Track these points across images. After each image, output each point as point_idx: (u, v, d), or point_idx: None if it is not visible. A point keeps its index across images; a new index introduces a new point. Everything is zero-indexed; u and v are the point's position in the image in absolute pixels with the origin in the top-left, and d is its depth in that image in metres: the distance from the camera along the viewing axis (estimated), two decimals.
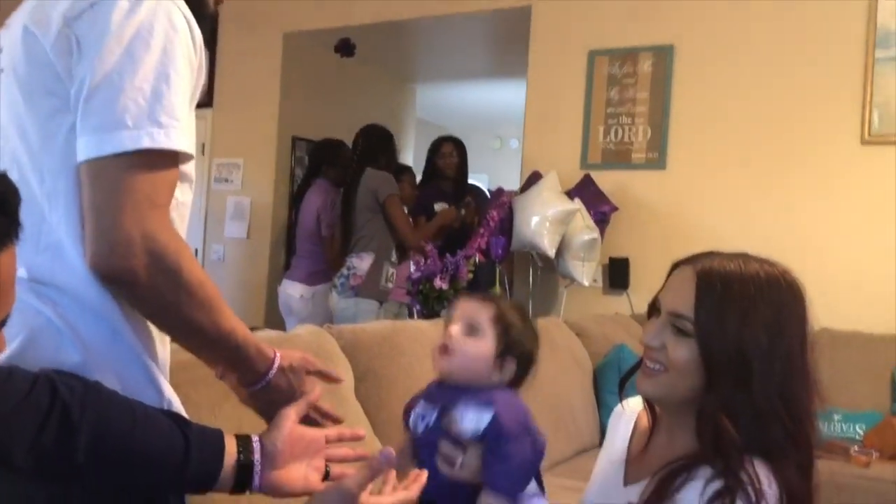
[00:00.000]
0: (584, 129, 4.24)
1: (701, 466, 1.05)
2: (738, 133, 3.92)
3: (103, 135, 0.92)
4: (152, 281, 0.93)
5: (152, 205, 0.93)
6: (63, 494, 0.92)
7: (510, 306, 1.26)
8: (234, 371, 1.10)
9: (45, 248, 0.96)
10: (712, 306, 1.07)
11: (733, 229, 3.79)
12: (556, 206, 3.73)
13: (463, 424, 1.16)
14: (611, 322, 3.53)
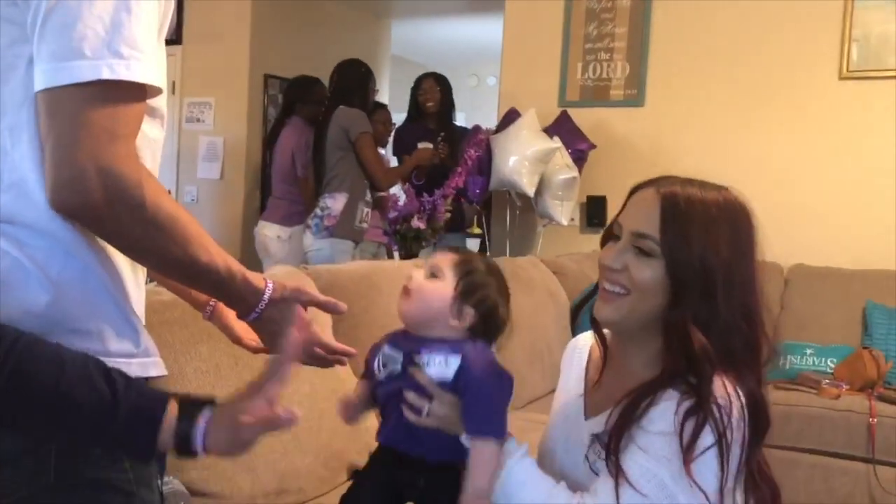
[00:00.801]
0: (561, 65, 4.18)
1: (665, 389, 1.08)
2: (716, 69, 3.88)
3: (60, 63, 0.87)
4: (114, 216, 0.89)
5: (112, 137, 0.88)
6: (39, 449, 0.90)
7: (479, 259, 1.26)
8: (226, 304, 1.08)
9: (8, 187, 0.92)
10: (677, 225, 1.10)
11: (711, 165, 3.73)
12: (535, 144, 3.69)
13: (430, 370, 1.15)
14: (588, 260, 3.54)
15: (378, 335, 2.11)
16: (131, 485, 0.95)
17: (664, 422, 1.05)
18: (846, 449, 2.73)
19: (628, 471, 1.04)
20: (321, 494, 1.70)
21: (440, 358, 1.16)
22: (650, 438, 1.06)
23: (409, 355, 1.18)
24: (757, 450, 1.10)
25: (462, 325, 1.18)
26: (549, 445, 1.25)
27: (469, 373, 1.14)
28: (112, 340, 0.94)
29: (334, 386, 1.85)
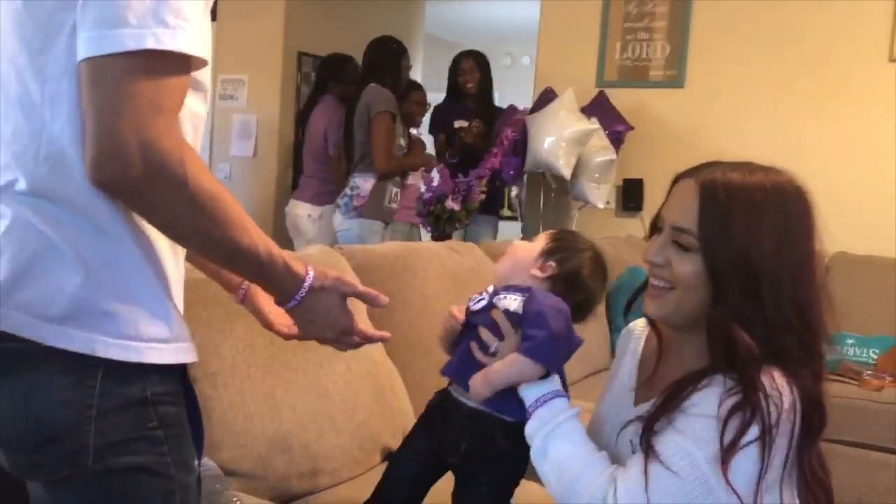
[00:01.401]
0: (600, 45, 4.10)
1: (708, 376, 1.05)
2: (760, 49, 3.77)
3: (104, 31, 0.84)
4: (154, 191, 0.86)
5: (156, 110, 0.85)
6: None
7: (579, 236, 1.35)
8: (264, 289, 1.06)
9: (45, 158, 0.90)
10: (716, 217, 1.06)
11: (753, 150, 3.62)
12: (573, 125, 3.62)
13: (503, 303, 1.21)
14: (624, 244, 3.48)
15: (412, 316, 2.10)
16: (170, 468, 0.94)
17: (707, 404, 1.03)
18: (888, 442, 2.67)
19: (661, 448, 1.03)
20: (355, 476, 1.69)
21: (516, 295, 1.21)
22: (689, 420, 1.04)
23: (494, 296, 1.24)
24: (810, 449, 1.07)
25: (542, 274, 1.24)
26: (597, 424, 1.25)
27: (534, 302, 1.18)
28: (144, 324, 0.91)
29: (368, 367, 1.83)
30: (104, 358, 0.88)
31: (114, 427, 0.89)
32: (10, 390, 0.88)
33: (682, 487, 1.01)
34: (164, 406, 0.94)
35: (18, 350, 0.87)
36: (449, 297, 2.14)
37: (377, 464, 1.77)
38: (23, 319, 0.88)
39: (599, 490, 1.05)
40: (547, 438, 1.11)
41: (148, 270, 0.93)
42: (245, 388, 1.51)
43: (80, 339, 0.88)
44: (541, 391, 1.14)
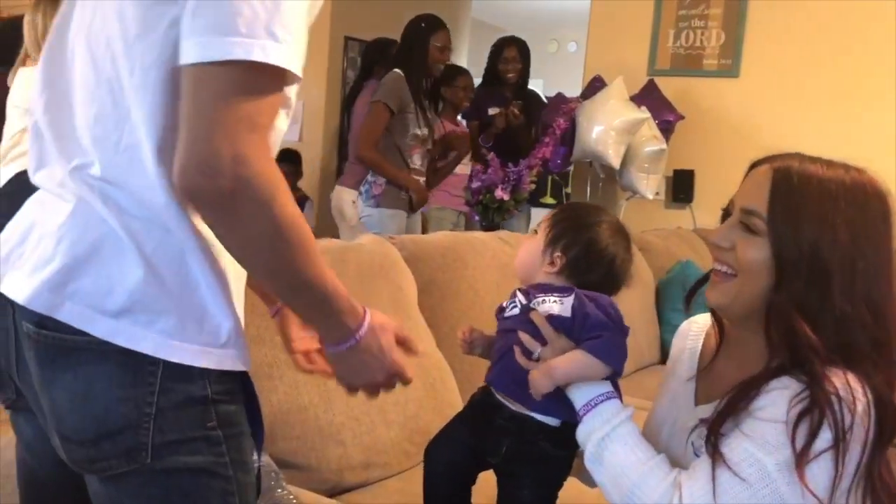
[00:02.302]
0: (652, 32, 4.01)
1: (775, 377, 1.01)
2: (818, 39, 3.66)
3: (212, 38, 0.81)
4: (237, 208, 0.84)
5: (252, 126, 0.83)
6: (139, 427, 0.88)
7: (575, 207, 1.29)
8: (319, 327, 1.00)
9: (125, 148, 0.89)
10: (786, 202, 1.03)
11: (807, 142, 3.57)
12: (623, 114, 3.56)
13: (544, 307, 1.16)
14: (674, 236, 3.41)
15: (463, 308, 2.08)
16: (228, 469, 0.93)
17: (776, 409, 0.99)
18: None
19: (728, 453, 0.99)
20: (406, 469, 1.67)
21: (555, 297, 1.16)
22: (757, 424, 1.00)
23: (528, 301, 1.20)
24: (881, 454, 1.02)
25: (554, 269, 1.20)
26: (654, 426, 1.21)
27: (587, 306, 1.14)
28: (201, 327, 0.90)
29: (419, 360, 1.80)
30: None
31: (173, 425, 0.88)
32: (70, 384, 0.88)
33: (752, 495, 0.97)
34: (223, 405, 0.92)
35: (78, 343, 0.87)
36: (499, 288, 2.11)
37: None
38: (78, 310, 0.87)
39: (663, 496, 1.02)
40: (601, 443, 1.07)
41: (211, 273, 0.92)
42: (299, 378, 1.50)
43: (135, 337, 0.87)
44: (592, 393, 1.10)
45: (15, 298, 0.89)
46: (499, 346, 1.21)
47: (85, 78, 0.92)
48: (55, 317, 0.87)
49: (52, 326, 0.87)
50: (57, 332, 0.87)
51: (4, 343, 0.96)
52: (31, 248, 0.92)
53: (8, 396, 1.02)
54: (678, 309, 2.90)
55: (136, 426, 0.87)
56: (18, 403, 1.01)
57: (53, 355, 0.88)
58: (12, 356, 0.96)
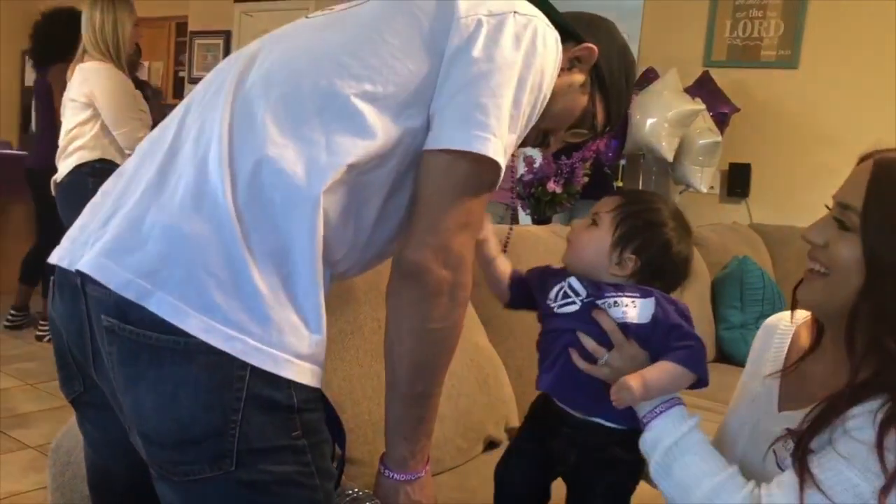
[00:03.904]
0: (708, 22, 3.92)
1: (871, 395, 0.94)
2: (880, 30, 3.54)
3: (473, 131, 0.91)
4: (441, 301, 0.94)
5: (474, 226, 0.95)
6: (225, 433, 0.87)
7: (646, 199, 1.18)
8: (397, 443, 1.06)
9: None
10: (884, 197, 0.96)
11: (867, 136, 3.44)
12: (676, 106, 3.48)
13: (616, 311, 1.07)
14: (730, 232, 3.33)
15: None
16: (314, 478, 0.92)
17: (873, 430, 0.92)
18: None
19: (821, 475, 0.93)
20: (458, 465, 1.66)
21: (629, 298, 1.08)
22: (854, 445, 0.93)
23: (591, 298, 1.10)
24: None
25: (624, 272, 1.11)
26: (733, 427, 1.14)
27: (670, 314, 1.06)
28: (284, 336, 0.90)
29: (472, 355, 1.79)
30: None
31: (258, 433, 0.87)
32: (155, 385, 0.85)
33: None
34: (307, 413, 0.91)
35: (164, 342, 0.84)
36: None
37: (479, 453, 1.74)
38: (170, 301, 0.84)
39: None
40: (669, 454, 1.02)
41: (313, 280, 0.90)
42: (353, 371, 1.49)
43: (227, 338, 0.84)
44: (658, 399, 1.05)
45: (102, 280, 0.86)
46: (549, 348, 1.14)
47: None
48: (146, 306, 0.84)
49: (137, 321, 0.84)
50: (142, 328, 0.84)
51: (77, 332, 0.94)
52: (116, 229, 0.89)
53: (76, 389, 1.00)
54: (735, 306, 2.83)
55: (221, 433, 0.86)
56: (84, 398, 1.00)
57: (137, 353, 0.85)
58: (88, 348, 0.93)
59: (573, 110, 1.14)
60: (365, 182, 0.93)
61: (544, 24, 0.98)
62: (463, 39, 0.93)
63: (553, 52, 0.99)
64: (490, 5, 0.96)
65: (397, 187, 0.97)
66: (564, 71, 1.10)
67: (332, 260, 0.95)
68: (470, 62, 0.92)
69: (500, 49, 0.93)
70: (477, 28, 0.93)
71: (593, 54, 1.11)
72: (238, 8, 5.57)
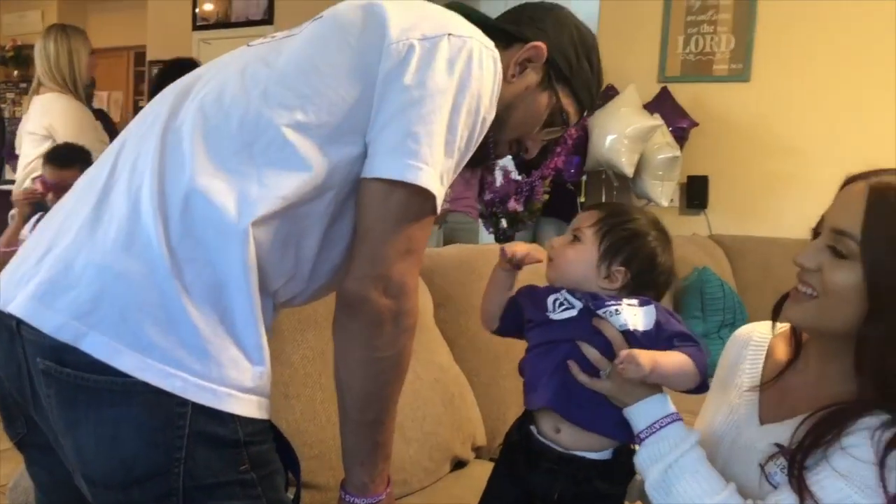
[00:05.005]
0: (662, 39, 4.00)
1: (868, 412, 0.93)
2: (828, 41, 3.63)
3: (403, 159, 0.91)
4: (386, 330, 0.94)
5: (416, 252, 0.95)
6: (170, 472, 0.87)
7: (626, 211, 1.16)
8: (354, 469, 1.05)
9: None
10: (885, 224, 0.94)
11: (821, 145, 3.57)
12: (635, 122, 3.54)
13: (618, 318, 1.05)
14: (689, 244, 3.38)
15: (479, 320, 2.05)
16: None
17: (872, 448, 0.92)
18: None
19: (819, 492, 0.92)
20: (425, 486, 1.66)
21: (630, 308, 1.06)
22: (852, 463, 0.92)
23: (589, 307, 1.08)
24: None
25: (614, 285, 1.11)
26: (711, 441, 1.13)
27: (672, 321, 1.06)
28: (224, 369, 0.89)
29: (437, 375, 1.80)
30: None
31: (204, 470, 0.86)
32: (95, 427, 0.84)
33: None
34: (255, 445, 0.91)
35: (103, 384, 0.83)
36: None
37: (446, 473, 1.74)
38: (104, 341, 0.83)
39: None
40: (669, 472, 1.00)
41: (251, 312, 0.90)
42: (316, 396, 1.49)
43: (164, 375, 0.84)
44: (657, 414, 1.03)
45: (34, 324, 0.85)
46: (542, 362, 1.11)
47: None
48: (81, 348, 0.83)
49: (73, 363, 0.83)
50: (79, 370, 0.83)
51: (16, 374, 0.92)
52: (49, 270, 0.88)
53: (19, 431, 0.98)
54: (696, 316, 2.87)
55: (165, 471, 0.85)
56: (28, 439, 0.98)
57: (75, 395, 0.84)
58: (27, 390, 0.91)
59: (538, 112, 1.12)
60: (303, 213, 0.93)
61: (480, 45, 0.96)
62: (394, 65, 0.92)
63: (490, 72, 0.97)
64: (424, 28, 0.94)
65: (339, 215, 0.96)
66: (516, 77, 1.08)
67: (271, 290, 0.95)
68: (402, 89, 0.91)
69: (433, 74, 0.91)
70: (409, 53, 0.92)
71: (541, 51, 1.09)
72: (197, 36, 5.56)
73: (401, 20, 0.95)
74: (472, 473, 1.74)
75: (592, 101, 1.19)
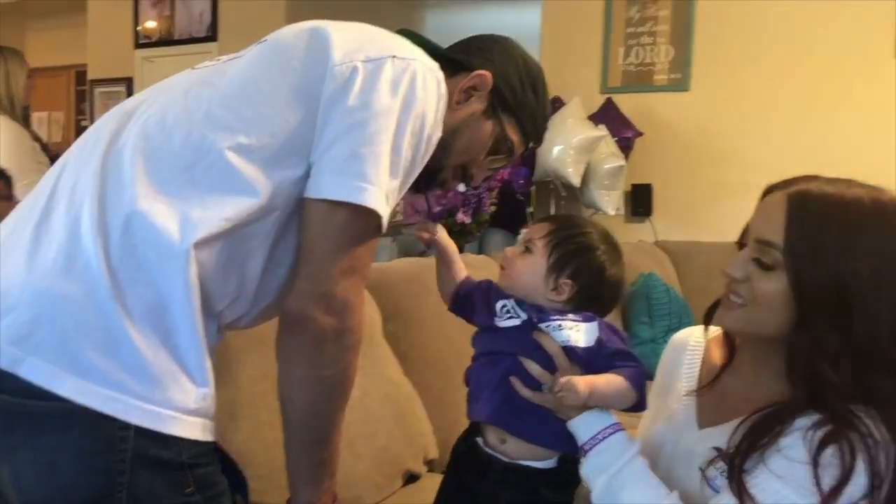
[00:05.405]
0: (603, 51, 4.08)
1: (801, 413, 0.95)
2: (764, 49, 3.75)
3: (348, 180, 0.91)
4: (329, 349, 0.94)
5: (360, 271, 0.95)
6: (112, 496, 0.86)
7: (578, 224, 1.18)
8: (300, 486, 1.05)
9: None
10: (806, 233, 0.96)
11: (761, 151, 3.67)
12: (580, 133, 3.61)
13: (560, 333, 1.06)
14: (636, 250, 3.44)
15: (428, 334, 2.07)
16: None
17: (806, 449, 0.93)
18: None
19: (758, 494, 0.93)
20: (378, 502, 1.66)
21: (573, 324, 1.07)
22: (788, 465, 0.93)
23: (534, 320, 1.09)
24: None
25: (561, 297, 1.12)
26: (652, 446, 1.14)
27: (613, 339, 1.07)
28: (167, 392, 0.89)
29: (387, 389, 1.80)
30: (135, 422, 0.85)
31: (148, 494, 0.85)
32: (34, 454, 0.83)
33: None
34: (200, 468, 0.90)
35: (41, 410, 0.82)
36: None
37: (399, 488, 1.74)
38: (43, 366, 0.82)
39: None
40: (613, 481, 1.01)
41: (194, 333, 0.89)
42: (263, 416, 1.48)
43: (105, 398, 0.83)
44: (600, 425, 1.03)
45: None
46: (485, 374, 1.12)
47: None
48: (18, 374, 0.81)
49: (10, 389, 0.82)
50: (16, 396, 0.82)
51: None
52: None
53: None
54: (644, 322, 2.93)
55: (108, 496, 0.84)
56: None
57: (12, 421, 0.83)
58: None
59: (482, 139, 1.13)
60: (246, 234, 0.93)
61: (424, 67, 0.98)
62: (338, 87, 0.93)
63: (434, 94, 0.98)
64: (368, 51, 0.96)
65: (283, 235, 0.97)
66: (461, 104, 1.10)
67: (216, 311, 0.95)
68: (346, 111, 0.92)
69: (377, 96, 0.93)
70: (352, 75, 0.93)
71: (486, 80, 1.10)
72: (139, 54, 5.49)
73: (345, 43, 0.96)
74: (424, 487, 1.74)
75: (537, 131, 1.20)
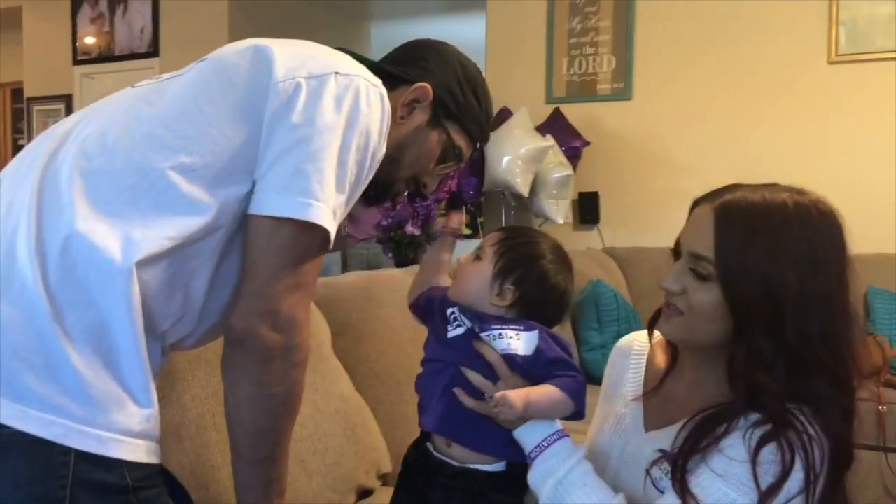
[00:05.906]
0: (547, 62, 4.13)
1: (740, 414, 0.98)
2: (703, 58, 3.85)
3: (294, 197, 0.90)
4: (275, 365, 0.93)
5: (306, 287, 0.94)
6: None
7: (527, 234, 1.20)
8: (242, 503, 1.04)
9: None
10: (734, 245, 0.98)
11: (703, 157, 3.75)
12: (528, 143, 3.64)
13: (500, 343, 1.08)
14: (584, 257, 3.48)
15: (379, 348, 2.06)
16: None
17: (744, 448, 0.96)
18: (856, 438, 2.67)
19: (700, 493, 0.95)
20: None
21: (514, 331, 1.09)
22: (729, 464, 0.96)
23: (476, 328, 1.11)
24: (839, 487, 0.99)
25: (504, 303, 1.13)
26: (601, 451, 1.16)
27: (553, 347, 1.08)
28: (109, 414, 0.87)
29: (337, 405, 1.78)
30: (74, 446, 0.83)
31: None
32: None
33: None
34: (145, 490, 0.88)
35: None
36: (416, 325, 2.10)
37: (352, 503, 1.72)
38: None
39: None
40: (560, 486, 1.02)
41: (137, 354, 0.88)
42: (210, 438, 1.45)
43: (44, 423, 0.81)
44: (544, 433, 1.05)
45: None
46: (431, 383, 1.13)
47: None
48: None
49: None
50: None
51: None
52: None
53: None
54: (593, 328, 2.96)
55: None
56: None
57: None
58: None
59: (430, 150, 1.14)
60: (190, 253, 0.92)
61: (367, 83, 0.98)
62: (282, 104, 0.93)
63: (378, 110, 0.98)
64: (310, 67, 0.95)
65: (227, 252, 0.96)
66: (405, 118, 1.10)
67: (159, 332, 0.93)
68: (290, 127, 0.92)
69: (321, 112, 0.92)
70: (296, 91, 0.93)
71: (427, 92, 1.11)
72: (79, 70, 5.37)
73: (287, 60, 0.96)
74: (378, 502, 1.73)
75: (483, 133, 1.21)
